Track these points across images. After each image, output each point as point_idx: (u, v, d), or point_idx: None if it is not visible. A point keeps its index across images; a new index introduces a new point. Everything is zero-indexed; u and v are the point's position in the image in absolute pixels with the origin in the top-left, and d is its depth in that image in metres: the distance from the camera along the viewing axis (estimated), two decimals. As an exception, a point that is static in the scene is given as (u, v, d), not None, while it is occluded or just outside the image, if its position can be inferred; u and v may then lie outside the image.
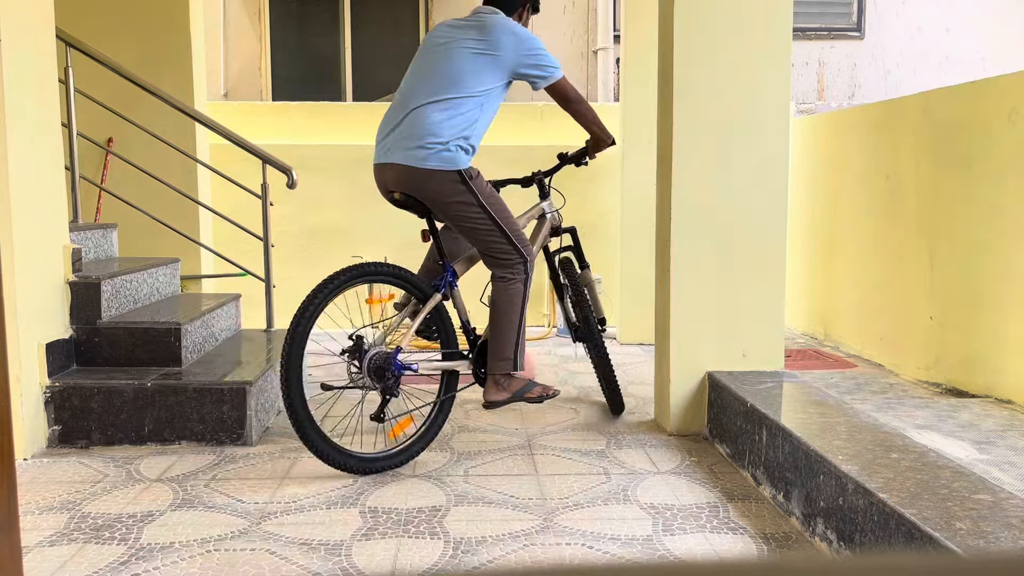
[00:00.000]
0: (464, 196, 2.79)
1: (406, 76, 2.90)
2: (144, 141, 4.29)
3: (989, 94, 3.36)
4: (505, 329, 2.88)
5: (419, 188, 2.80)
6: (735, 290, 3.12)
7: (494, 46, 2.80)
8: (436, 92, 2.77)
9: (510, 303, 2.88)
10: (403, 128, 2.79)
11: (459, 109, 2.77)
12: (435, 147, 2.73)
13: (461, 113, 2.77)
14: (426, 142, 2.73)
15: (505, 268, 2.90)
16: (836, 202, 4.60)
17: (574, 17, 6.68)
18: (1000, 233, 3.30)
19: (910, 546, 1.71)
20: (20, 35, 2.84)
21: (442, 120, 2.75)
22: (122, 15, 4.58)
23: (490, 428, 3.21)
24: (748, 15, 3.04)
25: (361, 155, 5.40)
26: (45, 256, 3.01)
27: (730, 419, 2.85)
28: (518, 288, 2.90)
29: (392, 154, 2.79)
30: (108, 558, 2.09)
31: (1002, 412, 3.20)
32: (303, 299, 2.66)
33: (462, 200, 2.79)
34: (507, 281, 2.89)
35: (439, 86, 2.78)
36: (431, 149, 2.73)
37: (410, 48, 6.77)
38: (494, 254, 2.89)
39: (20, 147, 2.82)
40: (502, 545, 2.17)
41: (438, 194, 2.79)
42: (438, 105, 2.76)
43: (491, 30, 2.82)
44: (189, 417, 2.99)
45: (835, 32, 7.00)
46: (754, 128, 3.08)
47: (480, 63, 2.79)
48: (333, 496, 2.51)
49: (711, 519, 2.34)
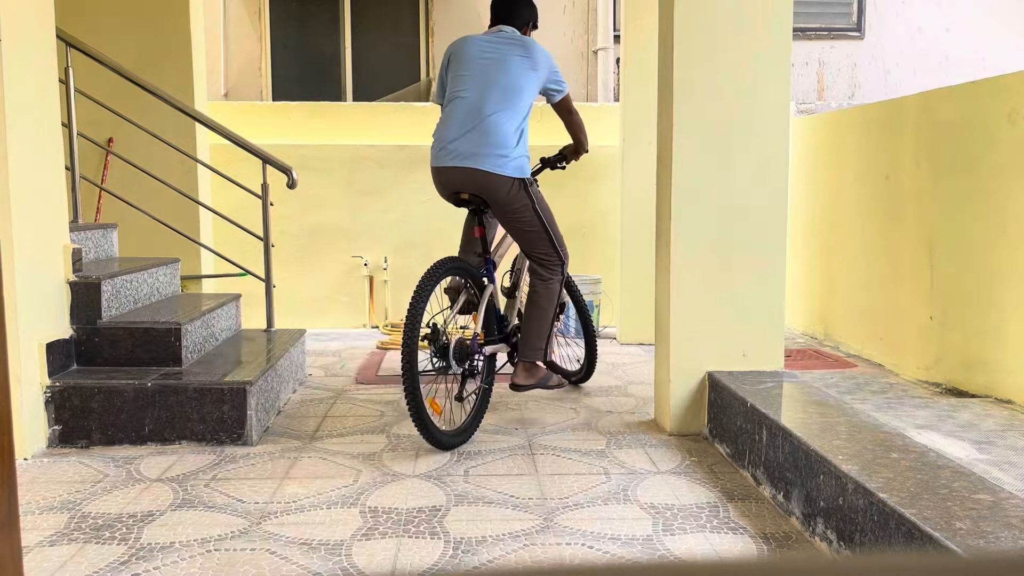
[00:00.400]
0: (526, 201, 3.15)
1: (467, 84, 3.13)
2: (144, 141, 4.28)
3: (989, 94, 3.36)
4: (540, 322, 3.22)
5: (492, 191, 3.09)
6: (735, 290, 3.12)
7: (535, 64, 3.16)
8: (503, 102, 3.07)
9: (549, 300, 3.23)
10: (477, 135, 3.05)
11: (520, 119, 3.11)
12: (511, 156, 3.06)
13: (521, 124, 3.12)
14: (503, 151, 3.05)
15: (546, 268, 3.24)
16: (836, 202, 4.60)
17: (574, 17, 6.68)
18: (1000, 233, 3.30)
19: (910, 546, 1.71)
20: (20, 35, 2.84)
21: (511, 130, 3.07)
22: (122, 15, 4.58)
23: (490, 428, 3.21)
24: (748, 15, 3.04)
25: (361, 155, 5.40)
26: (45, 256, 3.01)
27: (730, 419, 2.85)
28: (555, 288, 3.25)
29: (466, 159, 3.06)
30: (108, 558, 2.09)
31: (1002, 412, 3.20)
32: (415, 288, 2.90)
33: (524, 205, 3.14)
34: (546, 280, 3.23)
35: (505, 97, 3.08)
36: (508, 158, 3.06)
37: (410, 48, 6.77)
38: (539, 255, 3.24)
39: (20, 147, 2.82)
40: (502, 545, 2.17)
41: (508, 199, 3.11)
42: (506, 115, 3.07)
43: (531, 48, 3.18)
44: (189, 417, 2.99)
45: (835, 32, 7.00)
46: (754, 128, 3.08)
47: (529, 78, 3.14)
48: (333, 496, 2.51)
49: (711, 519, 2.34)
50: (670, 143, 3.10)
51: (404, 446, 2.99)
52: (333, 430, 3.18)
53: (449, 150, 3.07)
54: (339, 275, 5.43)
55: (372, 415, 3.40)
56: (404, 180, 5.41)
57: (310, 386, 3.89)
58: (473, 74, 3.11)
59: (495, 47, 3.14)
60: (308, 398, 3.67)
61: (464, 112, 3.07)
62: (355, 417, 3.36)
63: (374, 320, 5.45)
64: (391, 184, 5.41)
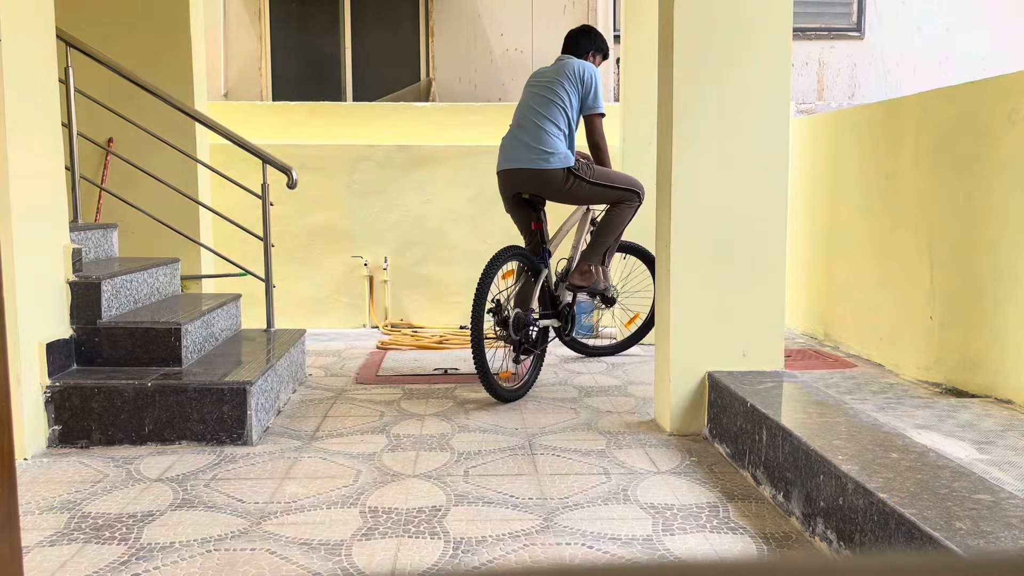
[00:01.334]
0: (577, 183, 3.77)
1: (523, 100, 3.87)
2: (144, 141, 4.28)
3: (989, 94, 3.36)
4: (607, 234, 3.89)
5: (544, 184, 3.77)
6: (735, 290, 3.12)
7: (572, 78, 3.82)
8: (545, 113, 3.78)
9: (621, 218, 3.88)
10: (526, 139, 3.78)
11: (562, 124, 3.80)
12: (557, 151, 3.73)
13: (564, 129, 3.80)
14: (548, 151, 3.73)
15: (625, 202, 3.88)
16: (836, 202, 4.60)
17: (574, 17, 6.67)
18: (1000, 233, 3.30)
19: (910, 546, 1.71)
20: (20, 35, 2.84)
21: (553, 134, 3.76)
22: (122, 15, 4.58)
23: (490, 428, 3.22)
24: (748, 15, 3.04)
25: (361, 155, 5.40)
26: (45, 256, 3.01)
27: (730, 419, 2.85)
28: (629, 212, 3.90)
29: (521, 162, 3.76)
30: (108, 558, 2.09)
31: (1002, 412, 3.20)
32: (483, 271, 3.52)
33: (576, 185, 3.77)
34: (623, 204, 3.87)
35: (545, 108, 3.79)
36: (554, 154, 3.73)
37: (410, 48, 6.77)
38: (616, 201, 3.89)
39: (20, 147, 2.82)
40: (502, 545, 2.17)
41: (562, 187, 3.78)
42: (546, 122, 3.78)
43: (569, 66, 3.83)
44: (189, 417, 2.99)
45: (835, 32, 7.00)
46: (754, 128, 3.08)
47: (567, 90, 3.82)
48: (333, 496, 2.51)
49: (711, 519, 2.34)
50: (670, 143, 3.10)
51: (404, 446, 2.99)
52: (333, 430, 3.18)
53: (507, 157, 3.78)
54: (339, 275, 5.43)
55: (372, 415, 3.40)
56: (404, 180, 5.41)
57: (310, 386, 3.89)
58: (527, 92, 3.87)
59: (551, 67, 3.87)
60: (308, 398, 3.67)
61: (515, 124, 3.84)
62: (355, 417, 3.37)
63: (374, 320, 5.45)
64: (391, 184, 5.41)
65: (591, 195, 3.81)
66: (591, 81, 3.78)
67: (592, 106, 3.80)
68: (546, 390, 3.81)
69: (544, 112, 3.74)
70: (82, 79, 4.00)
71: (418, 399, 3.65)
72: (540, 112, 3.75)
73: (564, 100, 3.76)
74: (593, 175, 3.79)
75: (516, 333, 3.66)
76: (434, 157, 5.42)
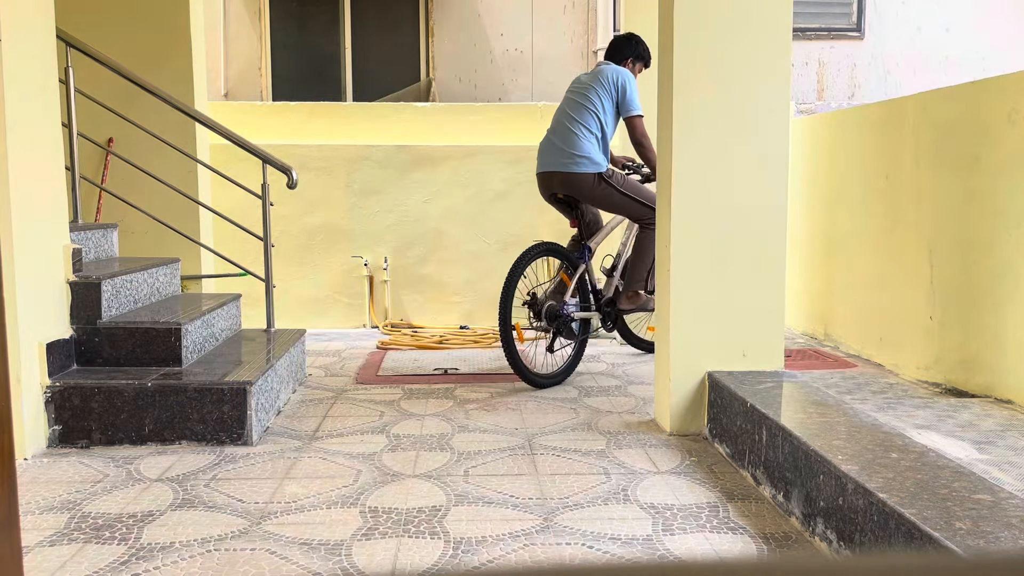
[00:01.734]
0: (608, 189, 3.92)
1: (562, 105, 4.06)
2: (144, 141, 4.28)
3: (989, 94, 3.36)
4: (645, 260, 4.00)
5: (576, 186, 3.94)
6: (735, 290, 3.12)
7: (604, 83, 3.97)
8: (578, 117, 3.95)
9: (651, 243, 3.95)
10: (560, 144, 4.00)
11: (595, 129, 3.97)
12: (591, 157, 3.91)
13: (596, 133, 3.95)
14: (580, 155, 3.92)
15: (648, 223, 3.98)
16: (836, 202, 4.60)
17: (574, 17, 6.68)
18: (1000, 233, 3.30)
19: (910, 546, 1.71)
20: (20, 35, 2.84)
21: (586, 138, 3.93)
22: (122, 15, 4.58)
23: (490, 428, 3.22)
24: (748, 15, 3.04)
25: (361, 155, 5.40)
26: (45, 256, 3.01)
27: (730, 419, 2.85)
28: (653, 234, 3.95)
29: (555, 165, 3.96)
30: (108, 558, 2.09)
31: (1002, 412, 3.20)
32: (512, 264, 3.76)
33: (607, 191, 3.93)
34: (649, 228, 3.98)
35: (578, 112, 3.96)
36: (586, 159, 3.92)
37: (410, 48, 6.77)
38: (638, 217, 4.02)
39: (20, 147, 2.82)
40: (502, 545, 2.17)
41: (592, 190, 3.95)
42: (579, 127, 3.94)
43: (604, 72, 4.00)
44: (189, 417, 2.99)
45: (835, 32, 7.00)
46: (754, 128, 3.08)
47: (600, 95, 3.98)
48: (333, 496, 2.51)
49: (711, 519, 2.34)
50: (670, 143, 3.10)
51: (404, 446, 2.99)
52: (333, 430, 3.18)
53: (543, 160, 3.99)
54: (339, 275, 5.43)
55: (372, 415, 3.40)
56: (404, 180, 5.41)
57: (310, 386, 3.90)
58: (565, 97, 4.06)
59: (589, 73, 4.04)
60: (308, 398, 3.67)
61: (551, 128, 4.02)
62: (355, 417, 3.37)
63: (374, 320, 5.45)
64: (391, 184, 5.41)
65: (620, 204, 3.95)
66: (623, 85, 3.92)
67: (628, 109, 3.93)
68: (546, 390, 3.81)
69: (576, 116, 3.91)
70: (82, 79, 4.00)
71: (418, 399, 3.65)
72: (573, 116, 3.92)
73: (596, 105, 3.92)
74: (624, 185, 3.94)
75: (550, 323, 3.86)
76: (434, 157, 5.42)
